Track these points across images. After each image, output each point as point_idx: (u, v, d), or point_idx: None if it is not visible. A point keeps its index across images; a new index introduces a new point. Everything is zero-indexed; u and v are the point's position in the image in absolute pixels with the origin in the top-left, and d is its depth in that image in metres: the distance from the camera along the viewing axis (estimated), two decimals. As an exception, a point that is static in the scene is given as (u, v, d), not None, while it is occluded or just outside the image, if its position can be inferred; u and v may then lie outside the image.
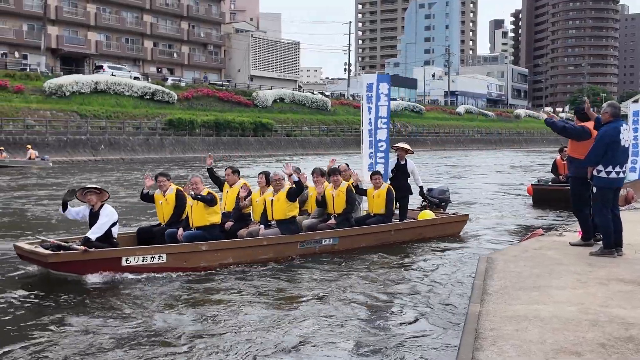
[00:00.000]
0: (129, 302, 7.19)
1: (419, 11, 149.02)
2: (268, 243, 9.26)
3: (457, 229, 11.80)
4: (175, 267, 8.50)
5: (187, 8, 74.47)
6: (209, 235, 8.97)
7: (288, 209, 9.36)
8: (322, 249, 9.78)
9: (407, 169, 11.50)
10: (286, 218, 9.37)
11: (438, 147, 73.36)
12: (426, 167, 37.21)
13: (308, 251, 9.61)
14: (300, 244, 9.54)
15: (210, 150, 47.29)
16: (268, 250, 9.23)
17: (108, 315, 6.67)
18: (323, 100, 69.14)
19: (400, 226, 10.84)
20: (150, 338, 5.96)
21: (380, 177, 10.74)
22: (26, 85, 45.05)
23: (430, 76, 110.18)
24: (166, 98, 52.58)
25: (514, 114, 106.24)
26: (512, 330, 4.83)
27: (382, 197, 10.57)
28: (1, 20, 57.71)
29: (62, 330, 6.18)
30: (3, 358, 5.42)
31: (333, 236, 9.93)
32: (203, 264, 8.70)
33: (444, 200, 12.32)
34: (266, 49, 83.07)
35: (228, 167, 10.39)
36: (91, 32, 64.50)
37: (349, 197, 10.15)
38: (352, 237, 10.18)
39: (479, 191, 21.55)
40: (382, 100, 11.92)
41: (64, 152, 38.63)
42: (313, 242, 9.71)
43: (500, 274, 6.81)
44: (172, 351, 5.63)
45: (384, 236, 10.53)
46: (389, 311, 6.98)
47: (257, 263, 9.02)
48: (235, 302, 7.18)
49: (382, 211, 10.58)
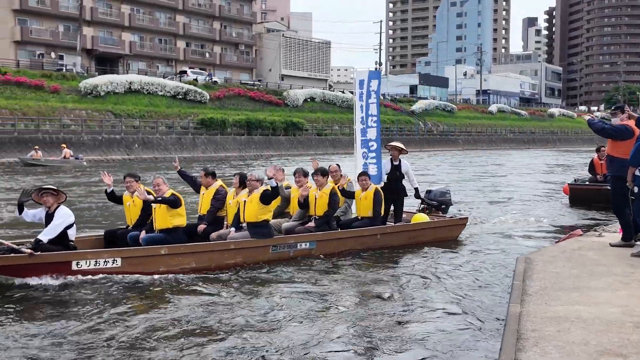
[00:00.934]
0: (72, 306, 6.92)
1: (451, 9, 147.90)
2: (236, 247, 8.77)
3: (455, 232, 11.17)
4: (130, 271, 8.06)
5: (219, 8, 75.07)
6: (171, 239, 8.54)
7: (260, 212, 8.86)
8: (298, 254, 9.26)
9: (402, 170, 10.96)
10: (257, 221, 8.86)
11: (470, 146, 72.70)
12: (456, 166, 36.95)
13: (281, 256, 9.11)
14: (272, 248, 9.05)
15: (242, 149, 47.71)
16: (236, 255, 8.75)
17: (47, 320, 6.37)
18: (354, 100, 68.95)
19: (388, 230, 10.29)
20: (86, 346, 5.67)
21: (368, 178, 10.27)
22: (62, 86, 45.92)
23: (462, 75, 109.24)
24: (198, 98, 53.09)
25: (548, 113, 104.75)
26: (554, 332, 4.77)
27: (369, 199, 10.08)
28: (38, 22, 58.90)
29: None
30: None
31: (310, 240, 9.39)
32: (162, 268, 8.24)
33: (444, 203, 11.80)
34: (297, 48, 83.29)
35: (202, 169, 9.91)
36: (125, 32, 65.44)
37: (331, 200, 9.68)
38: (332, 242, 9.63)
39: (513, 191, 21.30)
40: (372, 97, 11.56)
41: (98, 151, 39.28)
42: (287, 246, 9.21)
43: (540, 274, 6.73)
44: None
45: (369, 240, 9.98)
46: (384, 315, 6.70)
47: (224, 268, 8.57)
48: (184, 310, 6.77)
49: (370, 214, 10.10)
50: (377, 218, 10.15)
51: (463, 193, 20.08)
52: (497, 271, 8.71)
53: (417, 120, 75.23)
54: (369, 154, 11.35)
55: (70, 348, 5.62)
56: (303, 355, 5.51)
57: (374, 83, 11.61)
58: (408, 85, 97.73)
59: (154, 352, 5.55)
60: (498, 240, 11.29)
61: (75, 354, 5.48)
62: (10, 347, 5.62)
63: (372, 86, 11.57)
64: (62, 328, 6.14)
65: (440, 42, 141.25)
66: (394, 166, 10.95)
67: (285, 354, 5.51)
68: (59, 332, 6.04)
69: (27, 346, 5.65)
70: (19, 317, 6.53)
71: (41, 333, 6.00)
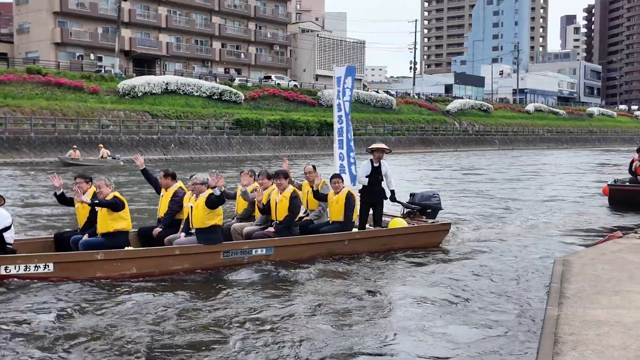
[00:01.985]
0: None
1: (487, 8, 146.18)
2: (181, 252, 8.34)
3: (436, 239, 10.51)
4: (64, 276, 7.67)
5: (254, 9, 75.55)
6: (111, 243, 8.14)
7: (207, 217, 8.37)
8: (253, 260, 8.79)
9: (382, 172, 10.37)
10: (205, 227, 8.40)
11: (506, 146, 71.78)
12: (492, 167, 36.54)
13: (234, 262, 8.66)
14: (223, 254, 8.62)
15: (276, 149, 47.94)
16: (182, 261, 8.33)
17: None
18: (388, 99, 68.80)
19: (357, 235, 9.71)
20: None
21: (341, 181, 9.78)
22: (101, 87, 46.79)
23: (498, 74, 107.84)
24: (233, 98, 53.52)
25: (587, 112, 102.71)
26: (592, 335, 4.69)
27: (340, 203, 9.61)
28: (78, 24, 60.11)
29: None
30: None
31: (266, 246, 8.91)
32: (99, 274, 7.86)
33: (429, 207, 11.12)
34: (331, 48, 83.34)
35: (162, 170, 9.61)
36: (162, 34, 66.35)
37: (292, 204, 9.20)
38: (292, 248, 9.10)
39: (551, 191, 20.97)
40: (346, 95, 11.10)
41: (136, 151, 39.84)
42: (240, 252, 8.75)
43: (578, 277, 6.62)
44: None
45: (336, 247, 9.44)
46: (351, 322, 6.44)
47: (170, 274, 8.20)
48: (112, 319, 6.48)
49: (341, 218, 9.62)
50: (348, 223, 9.64)
51: (501, 192, 19.87)
52: (533, 274, 8.58)
53: (453, 119, 74.57)
54: (350, 153, 10.95)
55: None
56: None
57: (349, 80, 11.17)
58: (443, 85, 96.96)
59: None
60: (535, 241, 11.12)
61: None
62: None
63: (347, 83, 11.10)
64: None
65: (476, 41, 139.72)
66: (374, 168, 10.35)
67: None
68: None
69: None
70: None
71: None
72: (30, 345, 5.65)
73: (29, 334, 5.94)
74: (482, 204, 16.93)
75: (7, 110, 38.81)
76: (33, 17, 59.19)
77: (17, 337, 5.85)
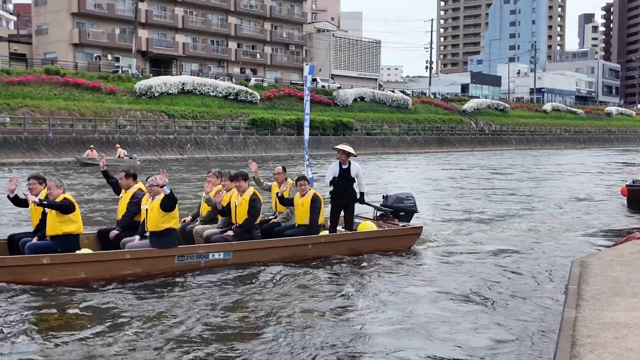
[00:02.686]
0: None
1: (504, 6, 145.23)
2: (133, 257, 8.07)
3: (407, 243, 10.16)
4: (7, 281, 7.39)
5: (270, 9, 75.70)
6: (59, 246, 7.86)
7: (161, 220, 8.10)
8: (210, 264, 8.50)
9: (351, 174, 10.00)
10: (159, 230, 8.14)
11: (523, 146, 71.32)
12: (516, 167, 36.30)
13: (190, 266, 8.38)
14: (178, 258, 8.32)
15: (292, 149, 47.99)
16: (134, 265, 8.05)
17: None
18: (404, 99, 68.63)
19: (321, 239, 9.38)
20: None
21: (307, 183, 9.50)
22: (118, 87, 47.14)
23: (515, 73, 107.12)
24: (249, 98, 53.67)
25: (605, 112, 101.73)
26: (611, 338, 4.64)
27: (306, 206, 9.37)
28: (95, 25, 60.59)
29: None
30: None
31: (224, 250, 8.63)
32: (45, 278, 7.54)
33: (402, 210, 10.69)
34: (347, 48, 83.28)
35: (122, 170, 9.32)
36: (179, 34, 66.68)
37: (251, 207, 8.89)
38: (251, 252, 8.81)
39: (569, 191, 20.79)
40: (307, 94, 10.69)
41: (152, 150, 40.15)
42: (196, 256, 8.45)
43: (596, 278, 6.56)
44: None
45: (299, 251, 9.13)
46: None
47: (121, 279, 7.90)
48: (54, 325, 6.27)
49: (306, 222, 9.38)
50: (314, 226, 9.40)
51: (523, 191, 19.74)
52: (550, 276, 8.51)
53: (469, 119, 74.20)
54: (307, 155, 10.46)
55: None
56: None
57: (309, 78, 10.83)
58: (459, 84, 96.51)
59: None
60: (553, 242, 11.02)
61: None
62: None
63: (307, 82, 10.71)
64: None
65: (493, 40, 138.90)
66: (342, 170, 9.99)
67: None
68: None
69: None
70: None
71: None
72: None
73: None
74: (501, 203, 16.83)
75: (26, 110, 39.23)
76: (51, 18, 59.78)
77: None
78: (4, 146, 34.61)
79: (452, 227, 12.69)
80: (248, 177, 9.18)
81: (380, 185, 22.32)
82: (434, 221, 13.53)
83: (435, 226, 12.67)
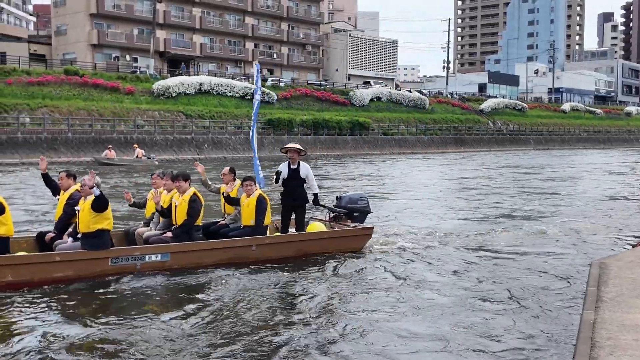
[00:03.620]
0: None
1: (522, 5, 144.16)
2: (63, 259, 7.76)
3: (358, 244, 9.95)
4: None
5: (287, 9, 75.84)
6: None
7: (93, 221, 7.86)
8: (147, 267, 8.25)
9: (300, 174, 9.85)
10: (90, 231, 7.89)
11: (541, 146, 70.79)
12: (523, 169, 36.03)
13: (125, 269, 8.11)
14: (112, 261, 8.05)
15: (308, 149, 47.99)
16: (65, 268, 7.74)
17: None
18: (420, 99, 68.40)
19: (266, 240, 9.17)
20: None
21: (252, 184, 9.31)
22: (136, 87, 47.50)
23: (533, 73, 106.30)
24: (266, 98, 53.78)
25: (624, 112, 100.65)
26: (630, 340, 4.59)
27: (251, 207, 9.18)
28: (114, 25, 61.11)
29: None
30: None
31: (161, 252, 8.37)
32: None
33: (356, 211, 10.49)
34: (364, 48, 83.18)
35: (62, 170, 9.04)
36: (196, 35, 67.03)
37: (190, 207, 8.69)
38: (191, 253, 8.55)
39: (589, 191, 20.59)
40: (257, 93, 10.42)
41: (170, 150, 40.40)
42: (132, 258, 8.19)
43: (615, 280, 6.49)
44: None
45: (243, 252, 8.91)
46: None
47: (51, 283, 7.61)
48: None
49: (252, 222, 9.18)
50: (259, 227, 9.20)
51: (542, 190, 19.60)
52: (569, 277, 8.44)
53: (487, 119, 73.78)
54: (255, 155, 10.28)
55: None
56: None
57: (259, 77, 10.54)
58: (477, 84, 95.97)
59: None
60: (572, 243, 10.93)
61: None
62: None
63: (258, 82, 10.47)
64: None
65: (511, 39, 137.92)
66: (291, 170, 9.83)
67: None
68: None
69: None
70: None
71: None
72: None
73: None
74: (527, 202, 16.73)
75: (46, 110, 39.66)
76: (70, 19, 60.37)
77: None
78: (23, 146, 35.04)
79: (463, 228, 12.60)
80: (189, 177, 8.99)
81: (415, 186, 22.18)
82: (413, 227, 13.44)
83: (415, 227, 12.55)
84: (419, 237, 11.30)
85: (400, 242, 10.69)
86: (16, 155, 34.11)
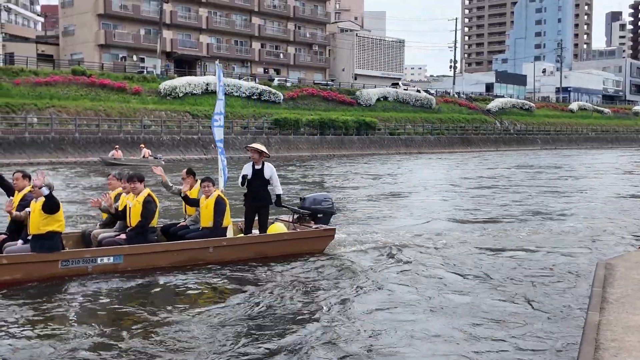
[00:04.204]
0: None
1: (530, 5, 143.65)
2: (10, 262, 7.60)
3: (318, 245, 9.80)
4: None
5: (294, 9, 75.86)
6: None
7: (43, 222, 7.74)
8: (99, 269, 8.10)
9: (264, 175, 9.73)
10: (40, 233, 7.76)
11: (549, 145, 70.55)
12: (526, 169, 35.91)
13: (75, 272, 7.95)
14: (62, 263, 7.89)
15: (315, 149, 48.05)
16: (13, 271, 7.58)
17: None
18: (427, 98, 68.28)
19: (223, 242, 9.04)
20: None
21: (211, 185, 9.19)
22: (143, 87, 47.63)
23: (541, 72, 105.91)
24: (272, 98, 53.85)
25: (633, 111, 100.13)
26: (635, 342, 4.57)
27: (210, 208, 9.10)
28: (121, 26, 61.30)
29: None
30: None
31: (114, 254, 8.23)
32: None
33: (319, 212, 10.32)
34: (370, 47, 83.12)
35: (17, 170, 8.84)
36: (203, 35, 67.14)
37: (144, 209, 8.57)
38: (145, 255, 8.43)
39: (595, 193, 20.50)
40: (220, 93, 10.35)
41: (177, 150, 40.49)
42: (82, 260, 8.03)
43: (621, 281, 6.45)
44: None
45: (199, 254, 8.80)
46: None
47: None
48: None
49: (210, 224, 9.11)
50: (218, 229, 9.12)
51: (548, 191, 19.54)
52: (574, 278, 8.40)
53: (494, 118, 73.58)
54: (220, 155, 10.10)
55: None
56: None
57: (221, 75, 10.39)
58: (484, 84, 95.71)
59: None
60: (577, 243, 10.88)
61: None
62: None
63: (221, 80, 10.41)
64: None
65: (518, 39, 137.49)
66: (255, 171, 9.71)
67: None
68: None
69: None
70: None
71: None
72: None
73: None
74: (534, 201, 16.67)
75: (53, 110, 39.83)
76: (78, 20, 60.60)
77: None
78: (31, 146, 35.19)
79: (461, 229, 12.57)
80: (144, 178, 8.88)
81: (432, 186, 22.14)
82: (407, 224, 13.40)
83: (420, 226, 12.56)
84: (400, 235, 11.28)
85: (367, 243, 10.51)
86: (24, 155, 34.27)
